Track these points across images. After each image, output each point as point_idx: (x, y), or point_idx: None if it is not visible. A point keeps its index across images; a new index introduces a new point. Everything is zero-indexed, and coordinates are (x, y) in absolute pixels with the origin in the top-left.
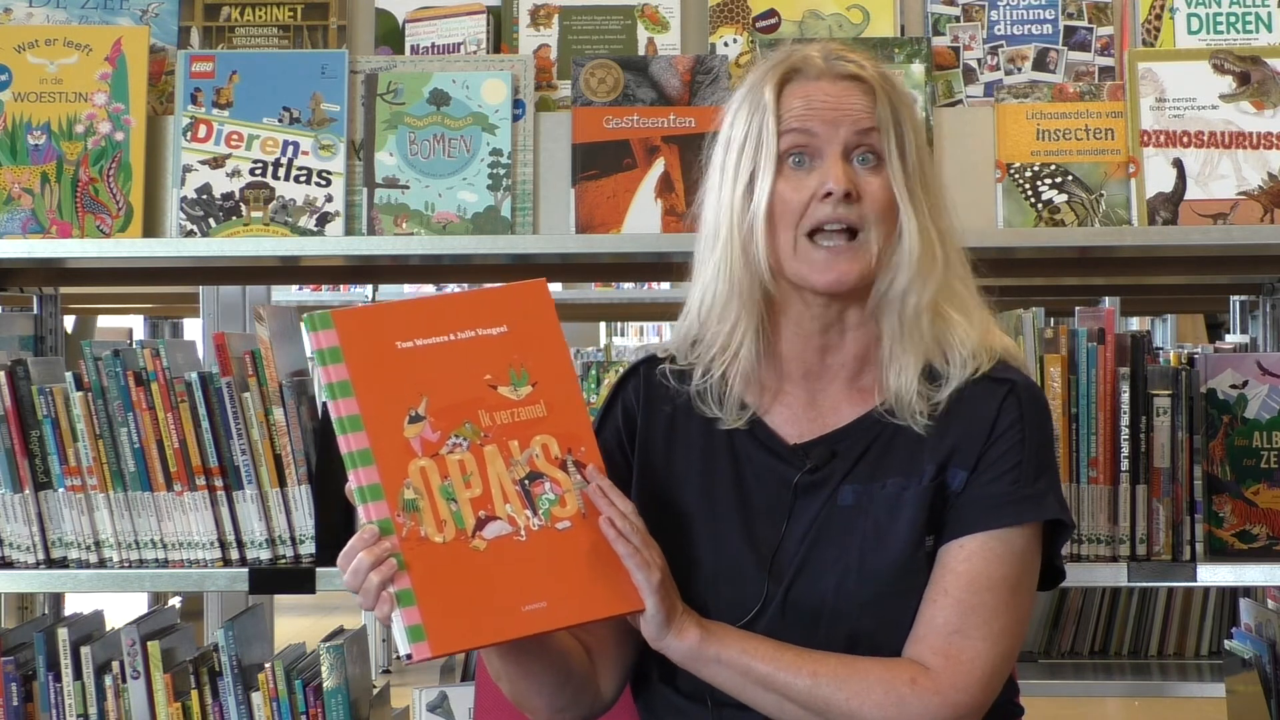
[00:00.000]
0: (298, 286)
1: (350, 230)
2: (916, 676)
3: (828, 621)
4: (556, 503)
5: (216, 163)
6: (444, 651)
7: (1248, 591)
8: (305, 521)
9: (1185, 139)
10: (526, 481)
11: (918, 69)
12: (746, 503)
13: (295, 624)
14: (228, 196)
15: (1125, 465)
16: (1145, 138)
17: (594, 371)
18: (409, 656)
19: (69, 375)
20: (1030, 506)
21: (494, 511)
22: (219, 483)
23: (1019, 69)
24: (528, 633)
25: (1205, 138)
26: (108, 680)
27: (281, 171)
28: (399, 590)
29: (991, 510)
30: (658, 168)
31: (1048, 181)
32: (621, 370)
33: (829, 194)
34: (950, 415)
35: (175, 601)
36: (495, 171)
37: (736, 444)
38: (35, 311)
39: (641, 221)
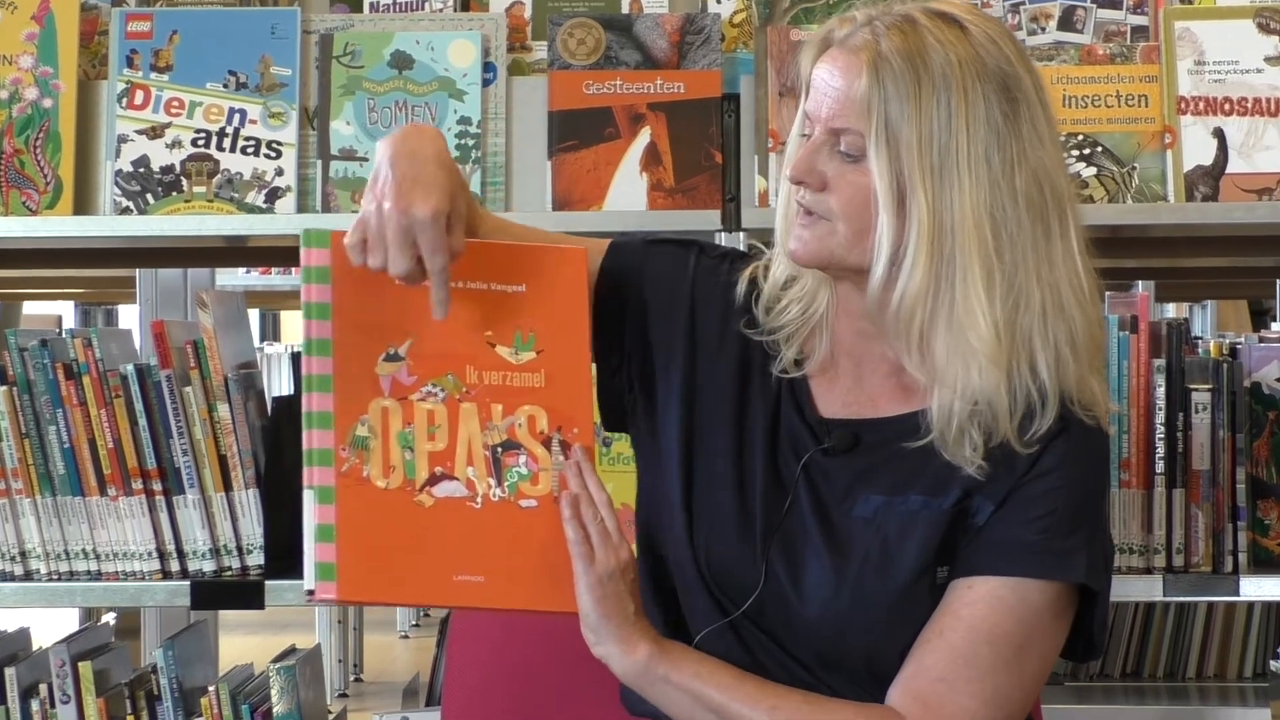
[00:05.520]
0: (245, 269)
1: (303, 207)
2: None
3: (801, 634)
4: (528, 479)
5: (155, 132)
6: (351, 598)
7: None
8: (253, 529)
9: (1227, 106)
10: (499, 449)
11: None
12: (770, 462)
13: (242, 643)
14: (167, 170)
15: (1160, 467)
16: (1183, 105)
17: None
18: (310, 593)
19: None
20: (1053, 562)
21: (453, 471)
22: (157, 486)
23: (1043, 29)
24: (452, 603)
25: (1249, 104)
26: (34, 705)
27: (227, 142)
28: (321, 524)
29: (1008, 555)
30: (643, 138)
31: (1075, 153)
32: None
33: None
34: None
35: (109, 618)
36: (463, 142)
37: (781, 395)
38: None
39: (625, 197)
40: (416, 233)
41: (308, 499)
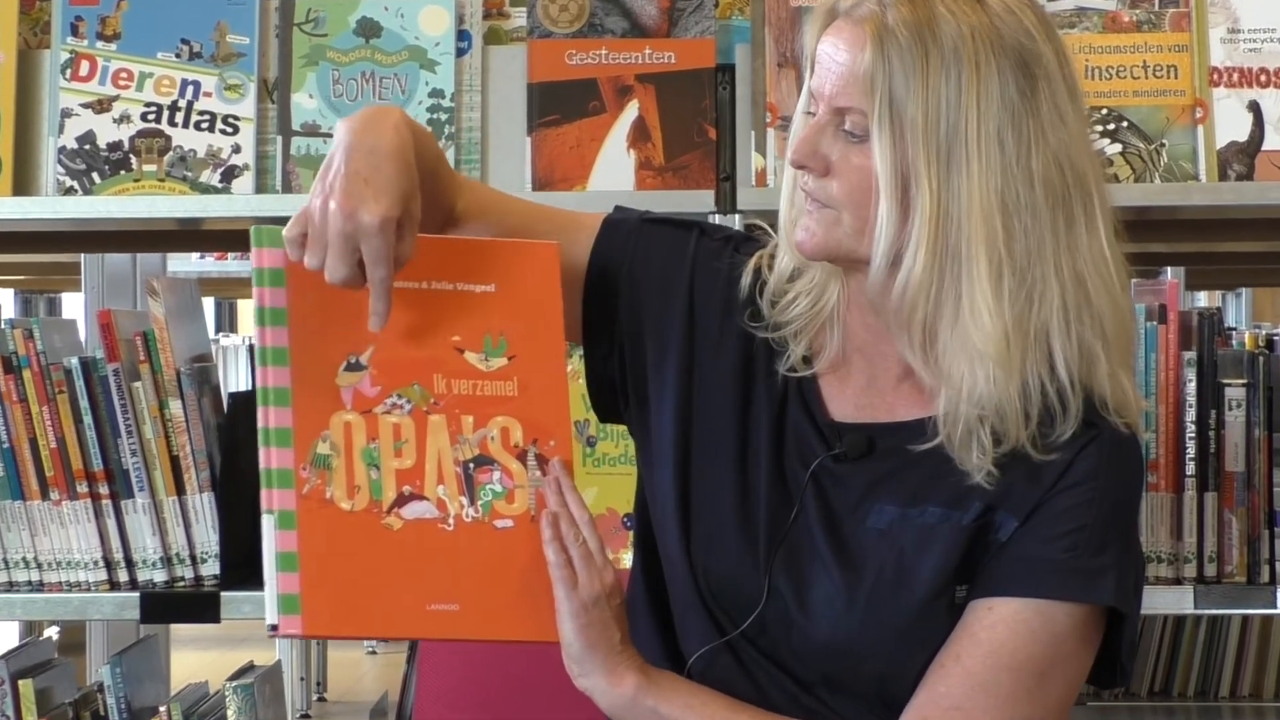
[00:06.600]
0: (199, 255)
1: (262, 187)
2: None
3: (806, 655)
4: (503, 497)
5: (101, 106)
6: (317, 633)
7: None
8: (208, 536)
9: (1263, 77)
10: (471, 465)
11: None
12: (775, 468)
13: (195, 659)
14: (115, 146)
15: (1191, 469)
16: (1215, 76)
17: None
18: (274, 628)
19: None
20: (1079, 583)
21: (422, 490)
22: (104, 490)
23: None
24: (427, 635)
25: None
26: None
27: (179, 116)
28: (282, 552)
29: (1032, 575)
30: (630, 112)
31: (1099, 129)
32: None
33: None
34: (1015, 451)
35: (52, 632)
36: (435, 116)
37: (788, 395)
38: None
39: (611, 176)
40: (360, 239)
41: (267, 524)
